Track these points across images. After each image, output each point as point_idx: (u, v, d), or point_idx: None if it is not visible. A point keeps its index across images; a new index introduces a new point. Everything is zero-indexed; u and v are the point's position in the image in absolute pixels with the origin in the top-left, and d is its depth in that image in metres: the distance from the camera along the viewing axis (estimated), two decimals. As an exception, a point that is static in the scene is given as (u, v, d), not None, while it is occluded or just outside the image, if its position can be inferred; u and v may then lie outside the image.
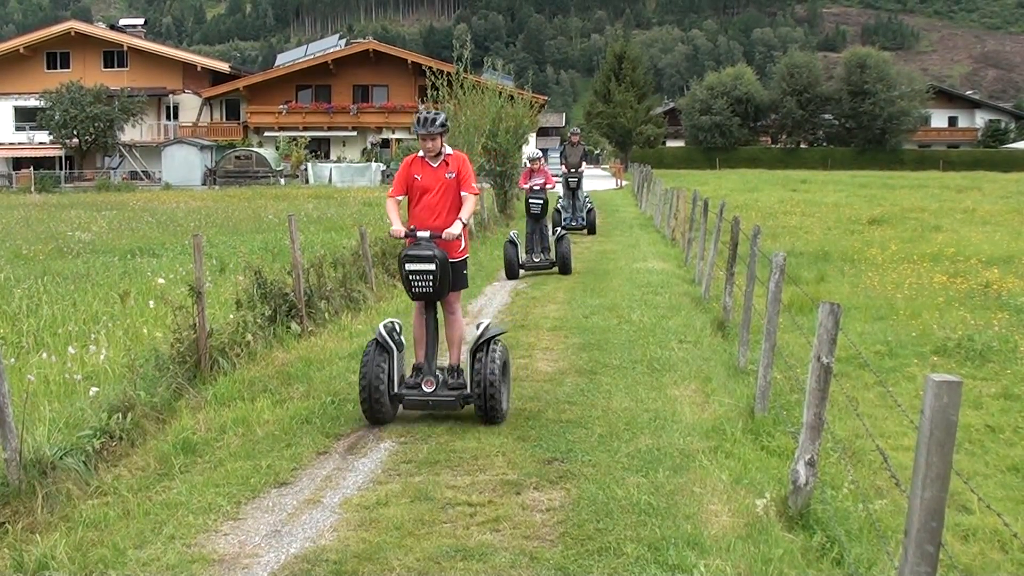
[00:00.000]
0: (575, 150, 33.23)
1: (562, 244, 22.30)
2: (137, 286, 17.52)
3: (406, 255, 10.08)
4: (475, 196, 10.51)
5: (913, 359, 13.83)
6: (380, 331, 10.34)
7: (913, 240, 27.98)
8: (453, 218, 10.36)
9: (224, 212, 40.15)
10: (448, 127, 10.62)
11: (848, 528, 7.06)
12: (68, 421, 9.08)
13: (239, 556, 6.90)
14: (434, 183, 10.44)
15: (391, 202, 10.68)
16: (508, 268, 22.07)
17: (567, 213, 32.99)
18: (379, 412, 10.07)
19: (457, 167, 10.54)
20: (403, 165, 10.70)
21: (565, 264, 22.23)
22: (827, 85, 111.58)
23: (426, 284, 10.06)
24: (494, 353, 10.12)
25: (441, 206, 10.47)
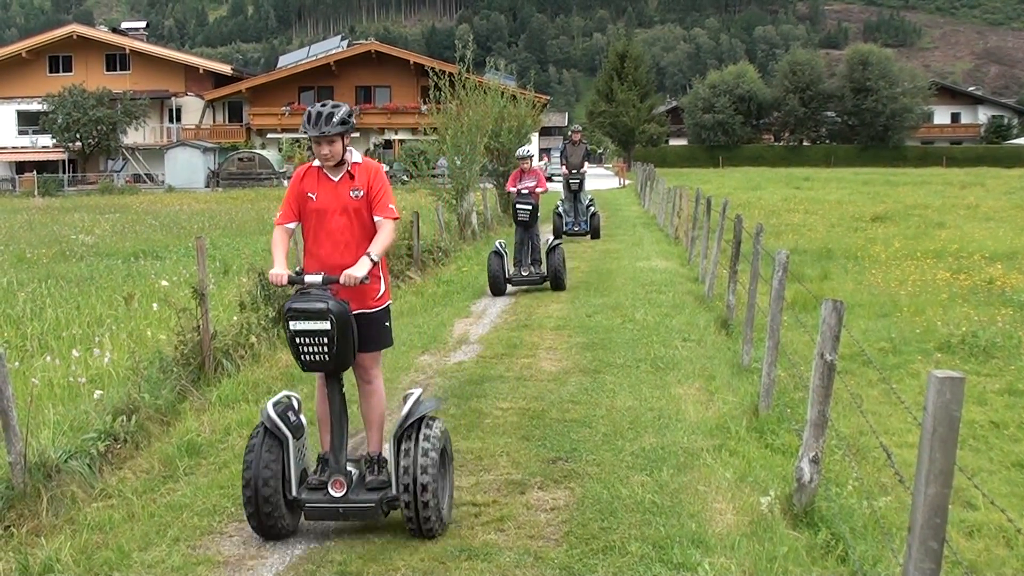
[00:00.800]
0: (577, 149, 31.05)
1: (555, 256, 19.38)
2: (141, 289, 17.52)
3: (289, 309, 7.13)
4: (393, 222, 7.67)
5: (917, 356, 13.82)
6: (267, 412, 7.42)
7: (916, 237, 27.97)
8: (363, 253, 7.45)
9: (227, 214, 40.18)
10: (353, 124, 7.61)
11: (852, 525, 7.06)
12: (72, 424, 9.09)
13: (244, 558, 6.91)
14: (334, 204, 7.58)
15: (279, 232, 7.73)
16: (492, 283, 19.33)
17: (568, 217, 31.09)
18: (272, 525, 7.24)
19: (367, 181, 7.67)
20: (293, 180, 7.84)
21: (558, 278, 19.47)
22: (829, 82, 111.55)
23: (319, 350, 7.16)
24: (427, 440, 7.28)
25: (346, 236, 7.59)
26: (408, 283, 20.12)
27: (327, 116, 7.44)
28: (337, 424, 7.52)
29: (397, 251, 21.43)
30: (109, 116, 77.50)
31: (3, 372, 7.45)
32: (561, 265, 19.55)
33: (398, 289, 19.43)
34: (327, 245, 7.64)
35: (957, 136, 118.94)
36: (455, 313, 17.20)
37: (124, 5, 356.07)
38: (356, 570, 6.59)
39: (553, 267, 19.50)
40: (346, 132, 7.54)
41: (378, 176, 7.78)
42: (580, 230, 31.13)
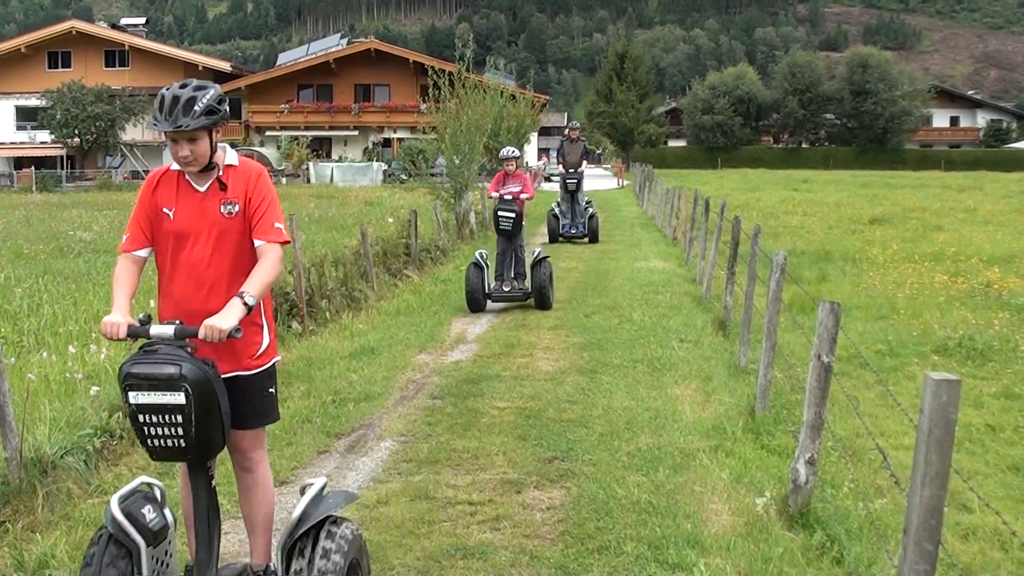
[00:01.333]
0: (574, 147, 29.59)
1: (541, 271, 17.22)
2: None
3: (127, 375, 4.99)
4: (279, 248, 5.48)
5: (914, 358, 13.83)
6: (111, 512, 5.19)
7: (914, 240, 27.99)
8: (237, 290, 5.29)
9: (225, 211, 40.08)
10: (223, 113, 5.42)
11: (848, 527, 7.06)
12: (69, 420, 9.08)
13: (240, 555, 6.90)
14: (198, 224, 5.47)
15: (122, 263, 5.67)
16: (470, 299, 17.26)
17: (566, 219, 29.64)
18: None
19: (244, 192, 5.54)
20: (143, 188, 5.75)
21: (543, 296, 17.29)
22: (829, 85, 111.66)
23: (171, 432, 5.03)
24: (325, 557, 5.31)
25: (213, 270, 5.48)
26: (406, 282, 20.11)
27: (186, 103, 5.30)
28: (204, 528, 5.44)
29: (395, 250, 21.40)
30: (108, 112, 77.43)
31: (0, 367, 7.44)
32: (547, 281, 17.28)
33: (396, 288, 19.43)
34: (187, 282, 5.53)
35: (956, 140, 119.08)
36: (452, 312, 17.20)
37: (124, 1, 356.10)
38: (351, 568, 6.58)
39: (538, 283, 17.25)
40: (215, 125, 5.40)
41: (260, 184, 5.60)
42: (577, 233, 29.64)
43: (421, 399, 11.22)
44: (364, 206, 41.45)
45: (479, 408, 10.72)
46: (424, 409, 10.74)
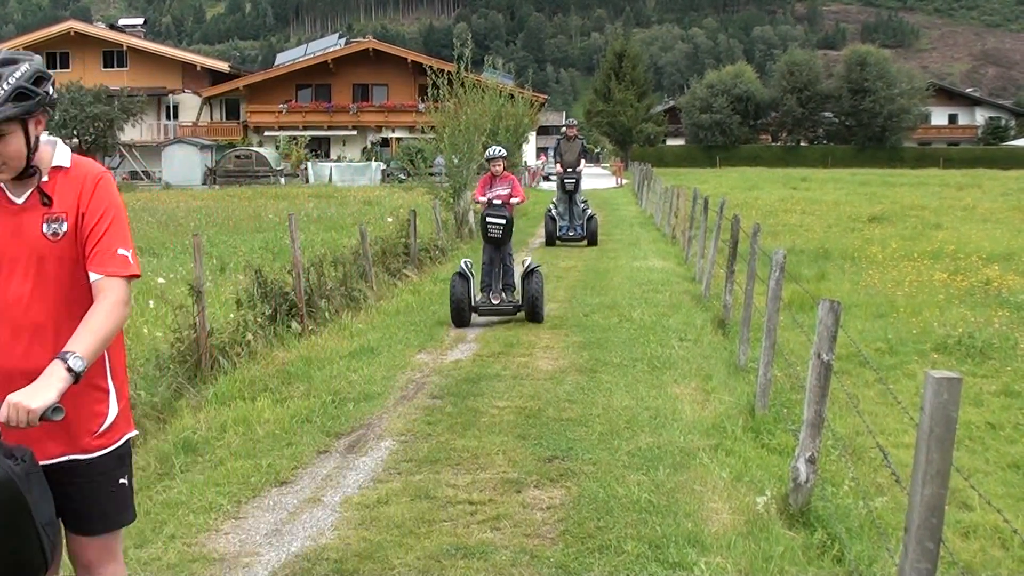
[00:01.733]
0: (572, 145, 28.73)
1: (532, 282, 15.82)
2: (137, 286, 17.50)
3: None
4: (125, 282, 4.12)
5: (914, 356, 13.84)
6: None
7: (913, 238, 28.00)
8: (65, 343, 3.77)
9: (224, 211, 40.11)
10: (44, 97, 4.15)
11: (849, 525, 7.06)
12: (68, 420, 9.06)
13: (240, 555, 6.90)
14: (13, 249, 4.03)
15: None
16: (455, 312, 15.74)
17: (563, 221, 28.50)
18: None
19: (76, 205, 4.19)
20: None
21: (535, 309, 15.87)
22: (827, 83, 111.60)
23: None
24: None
25: (35, 311, 4.00)
26: (405, 281, 20.10)
27: None
28: None
29: (394, 249, 21.37)
30: (106, 113, 77.36)
31: None
32: (539, 293, 15.87)
33: (395, 288, 19.41)
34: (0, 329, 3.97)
35: (954, 137, 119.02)
36: (452, 311, 17.17)
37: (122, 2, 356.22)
38: (352, 568, 6.58)
39: (530, 295, 15.82)
40: (29, 113, 4.03)
41: (99, 194, 4.27)
42: (576, 235, 28.46)
43: (421, 398, 11.22)
44: (363, 206, 41.44)
45: (479, 407, 10.71)
46: (424, 408, 10.73)
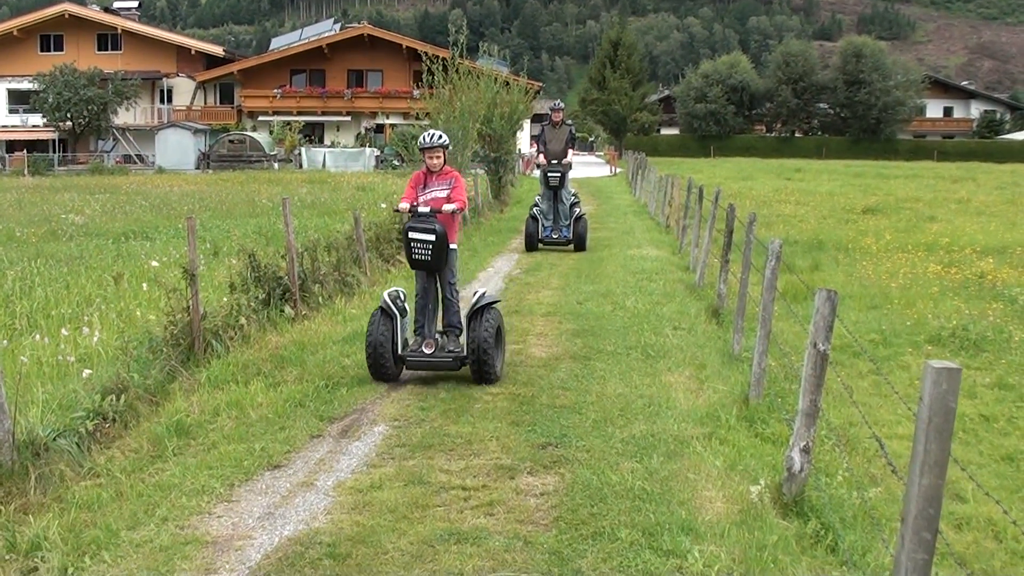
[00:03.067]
0: (558, 132, 24.58)
1: (482, 324, 11.12)
2: (130, 269, 17.49)
3: None
4: None
5: (907, 348, 13.85)
6: None
7: (907, 230, 28.01)
8: None
9: (217, 196, 40.07)
10: None
11: (843, 515, 7.07)
12: (61, 403, 9.07)
13: (232, 538, 6.89)
14: None
15: None
16: (371, 362, 11.28)
17: (547, 222, 24.71)
18: None
19: None
20: None
21: (483, 364, 11.10)
22: (822, 74, 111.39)
23: None
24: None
25: None
26: (399, 267, 20.05)
27: None
28: None
29: (388, 235, 21.36)
30: (100, 96, 77.30)
31: (-8, 349, 7.41)
32: (492, 340, 11.11)
33: (388, 273, 19.38)
34: None
35: (949, 130, 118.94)
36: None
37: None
38: (345, 552, 6.57)
39: (478, 343, 11.02)
40: None
41: None
42: (560, 238, 24.76)
43: (414, 384, 11.20)
44: (356, 191, 41.40)
45: (472, 394, 10.71)
46: (417, 394, 10.73)
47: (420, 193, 11.59)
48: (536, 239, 24.58)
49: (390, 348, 11.29)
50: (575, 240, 24.54)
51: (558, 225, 24.70)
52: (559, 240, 24.65)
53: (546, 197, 24.82)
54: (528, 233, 24.71)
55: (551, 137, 24.61)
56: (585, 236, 24.76)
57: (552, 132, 24.67)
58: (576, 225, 24.58)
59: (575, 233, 24.56)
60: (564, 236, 24.65)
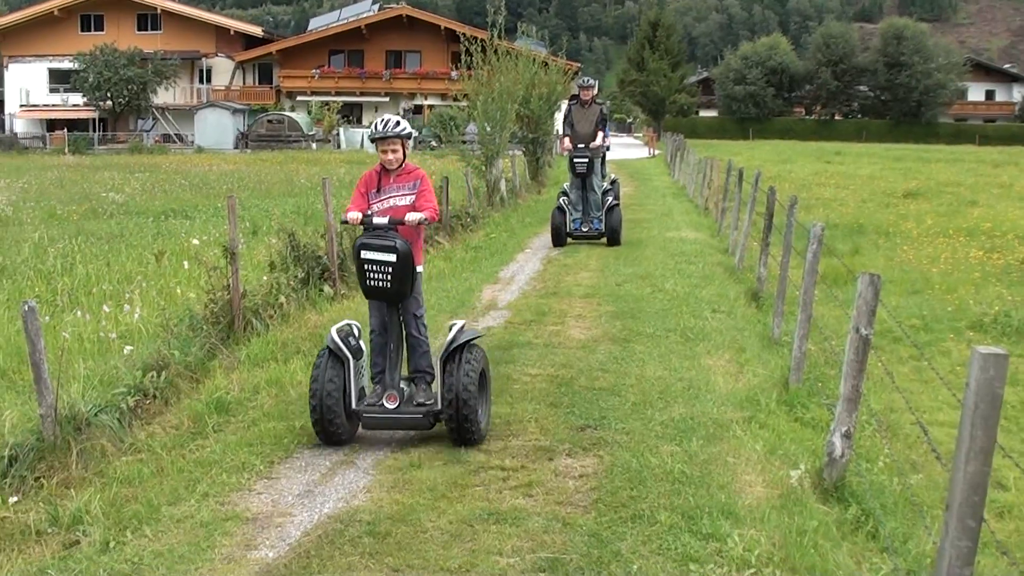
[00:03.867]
0: (587, 113, 21.70)
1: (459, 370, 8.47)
2: (171, 247, 17.58)
3: None
4: None
5: (948, 334, 13.77)
6: None
7: (949, 214, 27.83)
8: None
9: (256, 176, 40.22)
10: None
11: (883, 501, 7.02)
12: (103, 379, 9.13)
13: (272, 515, 6.91)
14: None
15: None
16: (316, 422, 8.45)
17: (576, 213, 21.89)
18: None
19: None
20: None
21: (461, 422, 8.37)
22: (863, 56, 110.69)
23: None
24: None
25: None
26: (437, 248, 20.07)
27: None
28: None
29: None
30: (140, 76, 77.71)
31: (36, 325, 7.47)
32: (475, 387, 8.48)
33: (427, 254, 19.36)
34: None
35: (991, 114, 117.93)
36: (483, 279, 17.15)
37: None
38: (384, 530, 6.58)
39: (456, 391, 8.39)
40: None
41: None
42: (591, 231, 22.00)
43: (453, 365, 11.19)
44: (395, 172, 41.38)
45: (511, 375, 10.69)
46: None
47: (374, 199, 8.67)
48: (564, 233, 21.89)
49: (341, 402, 8.55)
50: (607, 233, 21.78)
51: (589, 217, 21.92)
52: (590, 233, 21.91)
53: (574, 186, 22.00)
54: (555, 226, 21.95)
55: (579, 118, 21.73)
56: (619, 229, 21.95)
57: (580, 112, 21.78)
58: (609, 216, 21.79)
59: (608, 225, 21.77)
60: (596, 228, 21.92)
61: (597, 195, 21.72)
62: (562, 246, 21.55)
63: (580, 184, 21.70)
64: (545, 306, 14.61)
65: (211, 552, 6.30)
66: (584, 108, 21.59)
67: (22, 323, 7.56)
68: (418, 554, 6.25)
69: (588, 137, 21.27)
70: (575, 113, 21.69)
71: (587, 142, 21.26)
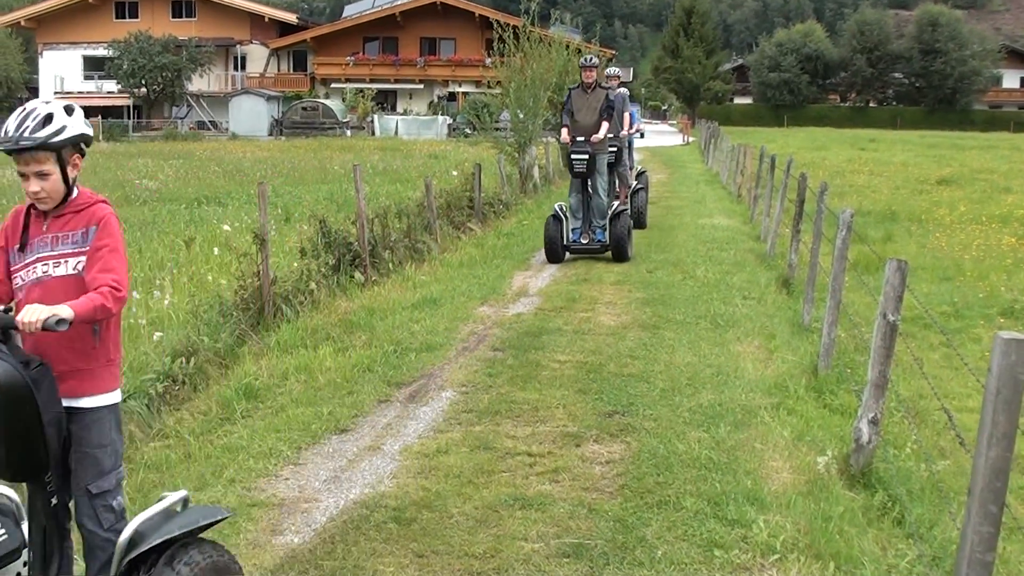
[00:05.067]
0: (589, 99, 17.75)
1: None
2: (202, 234, 17.66)
3: None
4: None
5: (979, 320, 13.71)
6: None
7: (982, 201, 27.66)
8: None
9: (290, 162, 40.32)
10: None
11: (910, 488, 6.99)
12: (132, 364, 9.18)
13: (299, 500, 6.95)
14: None
15: None
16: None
17: (575, 222, 17.67)
18: None
19: None
20: None
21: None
22: (898, 43, 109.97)
23: None
24: None
25: None
26: (469, 235, 20.10)
27: None
28: None
29: (459, 203, 21.41)
30: (174, 63, 77.97)
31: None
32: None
33: (459, 240, 19.41)
34: None
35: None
36: (514, 265, 17.15)
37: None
38: (410, 516, 6.61)
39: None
40: None
41: None
42: (593, 243, 17.67)
43: (482, 351, 11.22)
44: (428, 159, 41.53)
45: (540, 361, 10.70)
46: (485, 360, 10.74)
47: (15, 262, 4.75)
48: (559, 246, 17.58)
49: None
50: (612, 245, 17.62)
51: (591, 226, 17.75)
52: (591, 246, 17.71)
53: (573, 188, 17.94)
54: (548, 238, 17.62)
55: (580, 104, 17.78)
56: (626, 241, 17.60)
57: (582, 98, 17.82)
58: (614, 225, 17.61)
59: (613, 236, 17.57)
60: (598, 240, 17.72)
61: (601, 199, 17.74)
62: (558, 262, 17.50)
63: (580, 186, 17.75)
64: (575, 292, 14.61)
65: (237, 537, 6.32)
66: (587, 93, 17.80)
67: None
68: (443, 540, 6.28)
69: (590, 128, 17.49)
70: (575, 99, 17.83)
71: (589, 134, 17.43)
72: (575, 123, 17.52)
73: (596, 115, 17.43)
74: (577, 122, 17.50)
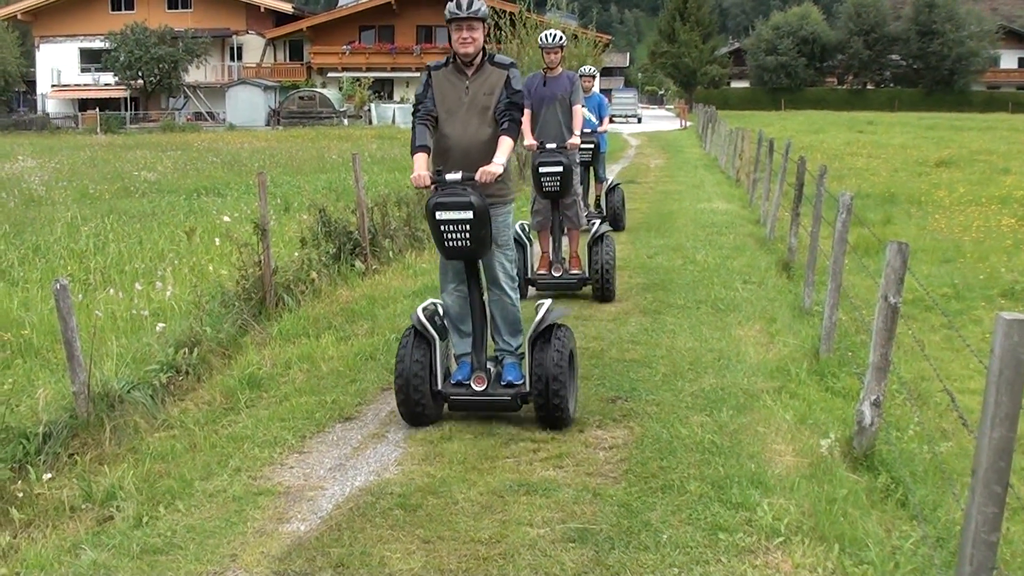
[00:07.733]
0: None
1: None
2: (202, 224, 17.66)
3: None
4: None
5: (980, 302, 13.72)
6: None
7: (981, 182, 27.66)
8: None
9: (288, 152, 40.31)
10: None
11: (913, 470, 7.00)
12: (135, 356, 9.19)
13: (304, 488, 6.97)
14: None
15: None
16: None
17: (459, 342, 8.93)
18: None
19: None
20: None
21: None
22: (895, 25, 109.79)
23: None
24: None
25: None
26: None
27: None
28: None
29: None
30: (171, 54, 77.97)
31: (67, 303, 7.53)
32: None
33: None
34: None
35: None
36: (515, 252, 17.09)
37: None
38: (416, 502, 6.63)
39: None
40: None
41: None
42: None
43: (484, 339, 11.21)
44: (426, 147, 41.39)
45: (541, 347, 10.68)
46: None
47: None
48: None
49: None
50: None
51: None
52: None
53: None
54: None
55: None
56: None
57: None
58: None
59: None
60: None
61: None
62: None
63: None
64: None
65: (243, 526, 6.35)
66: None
67: (54, 301, 7.64)
68: (449, 526, 6.29)
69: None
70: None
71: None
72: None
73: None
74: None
